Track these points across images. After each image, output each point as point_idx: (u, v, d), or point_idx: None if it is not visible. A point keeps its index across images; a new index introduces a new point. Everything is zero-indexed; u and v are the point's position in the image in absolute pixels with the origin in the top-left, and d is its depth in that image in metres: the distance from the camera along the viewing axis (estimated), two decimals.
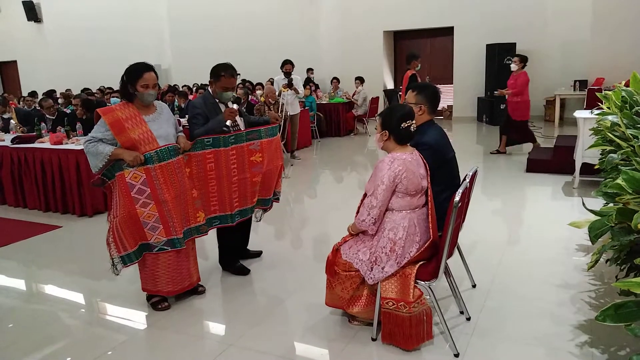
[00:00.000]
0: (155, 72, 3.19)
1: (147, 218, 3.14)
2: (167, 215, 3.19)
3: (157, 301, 3.39)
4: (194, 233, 3.42)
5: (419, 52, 7.86)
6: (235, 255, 4.01)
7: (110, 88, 12.98)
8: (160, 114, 3.29)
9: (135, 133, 3.08)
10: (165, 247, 3.24)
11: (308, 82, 10.70)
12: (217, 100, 3.66)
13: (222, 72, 3.58)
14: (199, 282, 3.57)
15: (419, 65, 7.64)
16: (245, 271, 3.91)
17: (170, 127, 3.29)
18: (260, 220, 3.98)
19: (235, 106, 3.66)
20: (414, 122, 2.70)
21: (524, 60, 7.49)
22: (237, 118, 3.69)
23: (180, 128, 3.50)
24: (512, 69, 7.65)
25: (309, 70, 12.83)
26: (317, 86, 12.11)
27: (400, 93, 11.50)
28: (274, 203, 3.97)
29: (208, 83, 3.73)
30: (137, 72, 3.10)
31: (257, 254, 4.21)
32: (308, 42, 13.84)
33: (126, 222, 3.12)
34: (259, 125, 3.70)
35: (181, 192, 3.27)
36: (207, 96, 3.67)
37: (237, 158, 3.52)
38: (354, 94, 11.36)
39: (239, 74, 3.67)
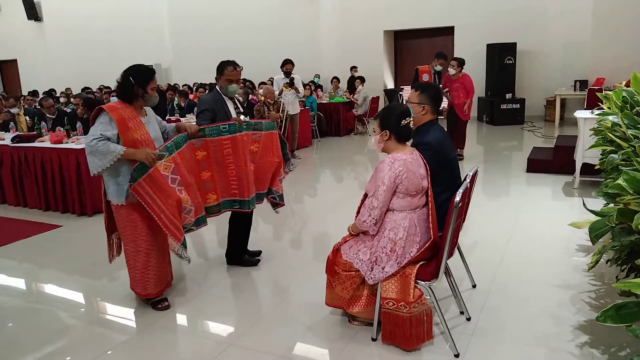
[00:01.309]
0: None
1: (186, 203, 3.30)
2: (194, 197, 3.37)
3: (157, 301, 3.39)
4: (207, 213, 3.57)
5: (444, 54, 7.67)
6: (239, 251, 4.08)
7: (109, 87, 12.97)
8: (151, 117, 3.35)
9: (137, 134, 3.10)
10: (193, 228, 3.42)
11: (317, 87, 10.89)
12: (225, 98, 3.76)
13: (225, 66, 3.72)
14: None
15: (439, 65, 7.37)
16: (254, 262, 4.04)
17: (158, 131, 3.36)
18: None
19: (242, 117, 3.81)
20: (411, 119, 2.72)
21: (462, 63, 7.28)
22: (242, 117, 3.80)
23: (166, 126, 3.54)
24: (450, 73, 7.34)
25: (316, 75, 12.91)
26: (320, 87, 12.12)
27: (401, 93, 11.51)
28: (280, 206, 4.07)
29: (215, 80, 3.84)
30: (148, 75, 3.16)
31: (257, 253, 4.21)
32: (308, 41, 13.83)
33: (176, 210, 3.21)
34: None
35: (194, 174, 3.43)
36: (216, 93, 3.78)
37: (245, 145, 3.64)
38: (354, 94, 11.36)
39: (242, 67, 3.79)
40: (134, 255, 3.28)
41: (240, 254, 4.07)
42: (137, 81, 3.12)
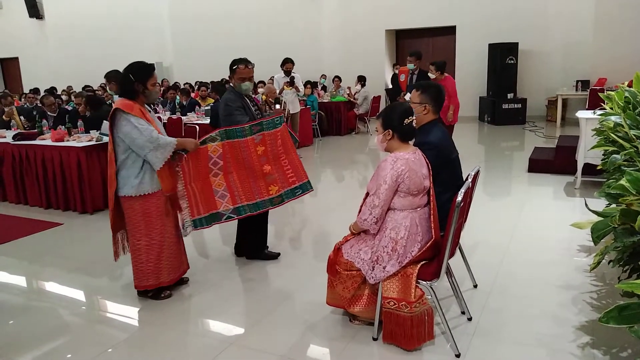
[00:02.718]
0: None
1: (217, 186, 3.52)
2: (232, 185, 3.55)
3: (157, 291, 3.44)
4: (268, 205, 3.68)
5: (421, 52, 7.53)
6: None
7: None
8: (151, 114, 3.41)
9: (152, 126, 3.21)
10: (232, 215, 3.57)
11: (322, 88, 10.93)
12: (242, 94, 3.82)
13: (236, 64, 3.78)
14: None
15: (410, 64, 7.17)
16: (274, 255, 4.13)
17: (159, 126, 3.41)
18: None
19: (277, 106, 3.89)
20: (414, 117, 2.72)
21: (440, 67, 6.71)
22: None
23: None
24: (431, 78, 6.69)
25: (322, 76, 12.91)
26: (324, 89, 12.11)
27: (403, 93, 11.52)
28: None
29: (228, 79, 3.91)
30: (148, 71, 3.23)
31: (275, 255, 4.18)
32: (310, 40, 13.83)
33: (202, 189, 3.48)
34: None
35: (248, 167, 3.57)
36: (232, 92, 3.83)
37: (288, 135, 3.77)
38: (355, 93, 11.35)
39: (253, 64, 3.84)
40: (147, 249, 3.33)
41: (261, 248, 4.14)
42: (136, 77, 3.17)
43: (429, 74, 6.81)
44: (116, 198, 3.30)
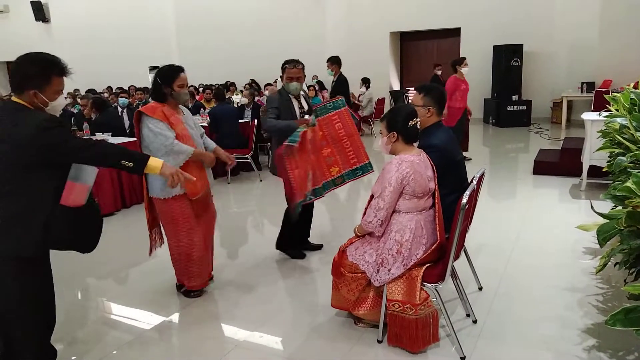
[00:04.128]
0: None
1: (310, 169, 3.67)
2: (316, 167, 3.71)
3: (187, 290, 3.52)
4: (331, 185, 3.83)
5: (338, 57, 7.51)
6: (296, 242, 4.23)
7: (120, 88, 13.02)
8: (187, 116, 3.45)
9: (178, 129, 3.22)
10: (311, 197, 3.70)
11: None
12: (291, 97, 3.93)
13: (286, 64, 3.90)
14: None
15: (331, 69, 7.31)
16: (302, 255, 4.18)
17: (194, 129, 3.43)
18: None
19: (307, 116, 3.92)
20: (418, 119, 2.73)
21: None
22: (307, 117, 3.93)
23: (202, 131, 3.64)
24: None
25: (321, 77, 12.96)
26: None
27: (406, 94, 11.51)
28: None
29: (279, 79, 4.03)
30: (173, 73, 3.25)
31: (319, 247, 4.34)
32: (314, 42, 13.84)
33: (315, 164, 3.68)
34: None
35: (316, 151, 3.74)
36: (282, 92, 3.96)
37: (348, 117, 3.90)
38: (359, 96, 11.36)
39: (302, 65, 3.93)
40: (176, 249, 3.39)
41: (296, 243, 4.20)
42: (163, 80, 3.23)
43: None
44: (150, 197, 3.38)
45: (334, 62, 7.18)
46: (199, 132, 3.51)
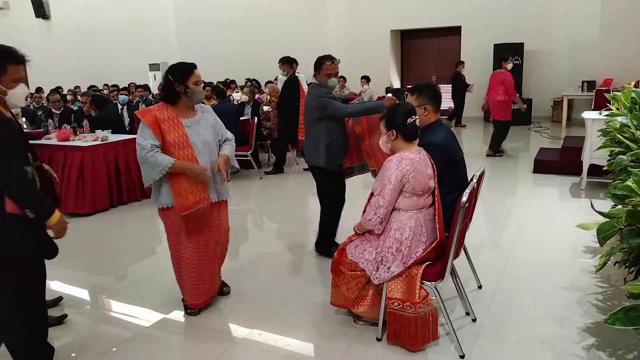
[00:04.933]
0: None
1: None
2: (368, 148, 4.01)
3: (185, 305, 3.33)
4: (366, 168, 4.20)
5: (290, 57, 7.41)
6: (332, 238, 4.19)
7: (115, 86, 13.00)
8: (201, 119, 3.11)
9: (170, 136, 2.92)
10: (356, 172, 4.33)
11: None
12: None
13: (323, 60, 3.80)
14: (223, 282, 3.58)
15: (284, 70, 7.18)
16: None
17: (209, 135, 3.11)
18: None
19: (390, 95, 4.07)
20: (417, 117, 2.72)
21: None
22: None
23: (231, 136, 3.35)
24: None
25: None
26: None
27: (406, 92, 11.51)
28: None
29: (313, 77, 3.95)
30: (187, 70, 3.00)
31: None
32: (315, 40, 13.81)
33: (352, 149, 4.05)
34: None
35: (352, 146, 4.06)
36: (317, 87, 3.82)
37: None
38: (361, 93, 11.34)
39: (339, 60, 3.88)
40: (176, 261, 3.18)
41: (331, 244, 4.11)
42: (176, 78, 2.96)
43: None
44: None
45: (285, 62, 7.11)
46: (215, 139, 3.16)
